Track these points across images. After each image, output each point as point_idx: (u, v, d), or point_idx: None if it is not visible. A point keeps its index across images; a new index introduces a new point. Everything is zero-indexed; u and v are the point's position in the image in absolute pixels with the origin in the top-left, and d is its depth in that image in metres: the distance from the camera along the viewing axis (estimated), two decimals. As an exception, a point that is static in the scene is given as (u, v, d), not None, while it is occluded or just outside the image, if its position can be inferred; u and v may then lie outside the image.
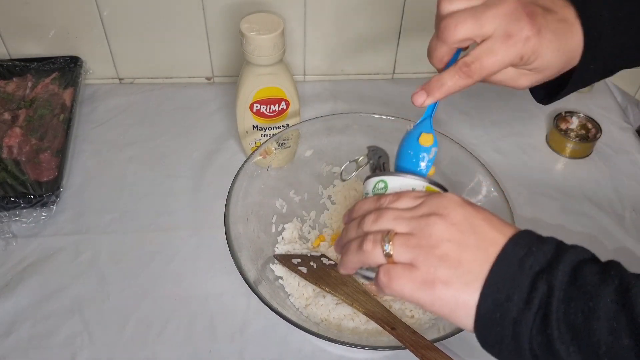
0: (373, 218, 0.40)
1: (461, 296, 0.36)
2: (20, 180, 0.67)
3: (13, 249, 0.64)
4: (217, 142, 0.77)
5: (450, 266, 0.37)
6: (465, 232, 0.37)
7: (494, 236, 0.37)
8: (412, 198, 0.41)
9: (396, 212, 0.40)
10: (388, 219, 0.40)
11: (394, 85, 0.87)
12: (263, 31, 0.60)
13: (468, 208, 0.39)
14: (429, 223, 0.38)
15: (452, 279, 0.36)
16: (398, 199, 0.41)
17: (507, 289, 0.35)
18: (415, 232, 0.38)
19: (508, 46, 0.41)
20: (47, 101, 0.77)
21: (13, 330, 0.57)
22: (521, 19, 0.41)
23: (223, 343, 0.57)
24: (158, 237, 0.66)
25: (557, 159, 0.77)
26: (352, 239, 0.42)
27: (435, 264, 0.37)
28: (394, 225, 0.39)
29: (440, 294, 0.37)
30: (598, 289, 0.33)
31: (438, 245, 0.37)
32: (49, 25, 0.79)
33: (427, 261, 0.37)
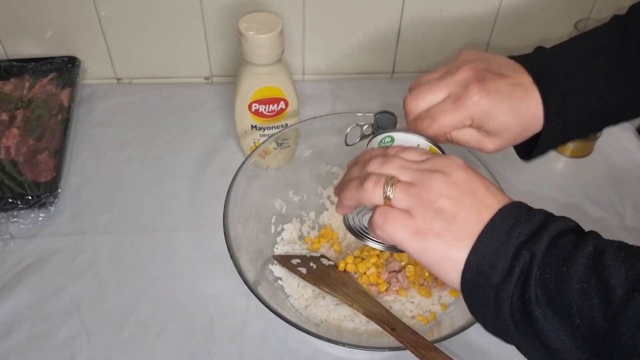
0: (379, 162, 0.42)
1: (449, 250, 0.38)
2: (18, 181, 0.67)
3: (11, 250, 0.64)
4: (216, 142, 0.77)
5: (444, 220, 0.38)
6: (464, 192, 0.39)
7: (489, 201, 0.39)
8: (419, 153, 0.43)
9: (402, 161, 0.42)
10: (394, 165, 0.41)
11: (394, 85, 0.87)
12: (262, 30, 0.60)
13: (470, 172, 0.41)
14: (432, 177, 0.40)
15: (444, 232, 0.38)
16: (405, 151, 0.43)
17: (491, 257, 0.37)
18: (417, 183, 0.40)
19: (457, 107, 0.46)
20: (45, 101, 0.77)
21: (12, 331, 0.57)
22: (471, 84, 0.46)
23: (222, 344, 0.57)
24: (157, 238, 0.66)
25: (557, 158, 0.77)
26: (353, 178, 0.44)
27: (430, 216, 0.39)
28: (398, 172, 0.41)
29: (431, 244, 0.39)
30: (571, 254, 0.35)
31: (437, 199, 0.39)
32: (46, 25, 0.79)
33: (424, 212, 0.39)
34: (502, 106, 0.46)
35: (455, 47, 0.85)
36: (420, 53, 0.85)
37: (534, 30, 0.83)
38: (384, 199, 0.40)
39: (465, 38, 0.84)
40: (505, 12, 0.80)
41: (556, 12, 0.81)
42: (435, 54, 0.86)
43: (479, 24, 0.82)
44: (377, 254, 0.58)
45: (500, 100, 0.46)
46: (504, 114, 0.46)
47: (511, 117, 0.46)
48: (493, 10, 0.81)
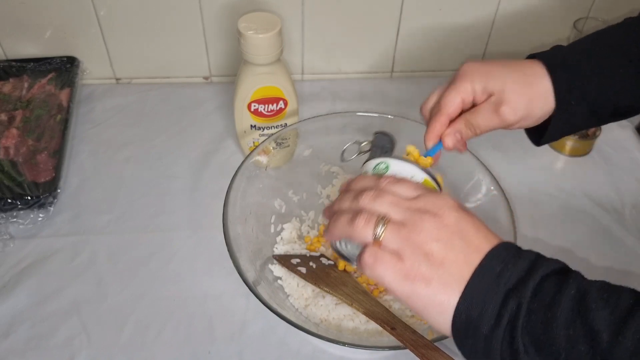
0: (372, 196, 0.41)
1: (437, 295, 0.38)
2: (17, 181, 0.67)
3: (10, 250, 0.64)
4: (215, 142, 0.77)
5: (433, 264, 0.38)
6: (454, 234, 0.39)
7: (479, 243, 0.39)
8: (412, 188, 0.42)
9: (394, 198, 0.41)
10: (386, 201, 0.41)
11: (393, 84, 0.87)
12: (261, 30, 0.60)
13: (461, 212, 0.40)
14: (422, 219, 0.39)
15: (433, 277, 0.38)
16: (397, 183, 0.42)
17: (480, 306, 0.37)
18: (407, 224, 0.39)
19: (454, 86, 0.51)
20: (44, 102, 0.77)
21: (11, 332, 0.57)
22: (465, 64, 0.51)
23: (222, 344, 0.57)
24: (156, 238, 0.66)
25: (556, 157, 0.77)
26: (345, 209, 0.43)
27: (419, 260, 0.38)
28: (390, 209, 0.40)
29: (419, 289, 0.38)
30: (555, 298, 0.35)
31: (426, 242, 0.38)
32: (45, 26, 0.79)
33: (413, 255, 0.38)
34: (499, 69, 0.50)
35: (454, 46, 0.85)
36: (420, 53, 0.85)
37: (534, 29, 0.83)
38: (374, 238, 0.40)
39: (465, 37, 0.84)
40: (505, 11, 0.81)
41: (555, 10, 0.81)
42: (435, 53, 0.86)
43: (479, 23, 0.82)
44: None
45: (494, 64, 0.51)
46: (500, 73, 0.50)
47: (513, 76, 0.50)
48: (492, 9, 0.81)
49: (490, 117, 0.51)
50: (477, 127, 0.51)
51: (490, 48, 0.85)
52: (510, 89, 0.49)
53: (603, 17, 0.82)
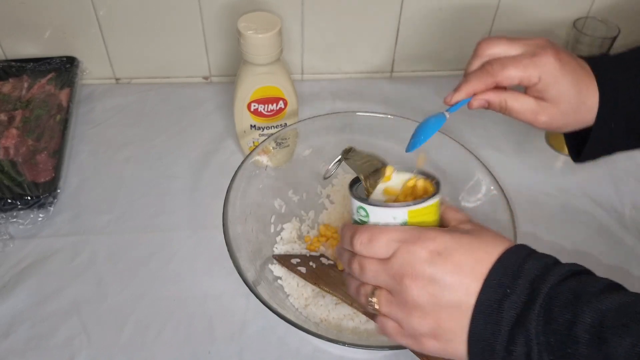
0: (357, 269, 0.41)
1: (447, 348, 0.39)
2: (17, 181, 0.67)
3: (10, 250, 0.64)
4: (215, 142, 0.77)
5: (431, 325, 0.38)
6: (436, 292, 0.38)
7: (467, 286, 0.38)
8: (384, 246, 0.40)
9: (374, 266, 0.40)
10: (369, 274, 0.41)
11: (393, 84, 0.87)
12: (260, 30, 0.60)
13: (436, 262, 0.38)
14: (403, 286, 0.39)
15: (436, 334, 0.39)
16: (370, 244, 0.40)
17: (489, 349, 0.37)
18: (393, 292, 0.40)
19: (532, 62, 0.48)
20: (44, 102, 0.77)
21: (11, 332, 0.57)
22: (548, 48, 0.49)
23: (222, 344, 0.57)
24: (156, 238, 0.65)
25: (556, 157, 0.77)
26: (348, 274, 0.44)
27: (417, 324, 0.39)
28: (375, 281, 0.41)
29: (428, 346, 0.39)
30: (571, 331, 0.34)
31: (416, 307, 0.39)
32: (45, 26, 0.79)
33: (410, 322, 0.39)
34: (568, 77, 0.49)
35: (454, 46, 0.85)
36: (419, 52, 0.85)
37: (533, 30, 0.83)
38: (374, 310, 0.41)
39: (464, 37, 0.84)
40: (504, 11, 0.81)
41: (555, 11, 0.82)
42: (435, 53, 0.86)
43: (478, 23, 0.82)
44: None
45: (568, 71, 0.49)
46: (568, 83, 0.49)
47: (573, 90, 0.49)
48: (492, 8, 0.81)
49: (527, 114, 0.51)
50: (510, 110, 0.51)
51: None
52: (566, 100, 0.49)
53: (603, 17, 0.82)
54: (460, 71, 0.88)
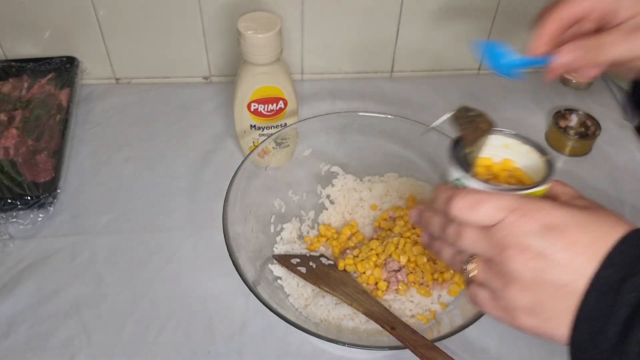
0: (454, 234, 0.39)
1: (545, 326, 0.36)
2: (17, 181, 0.67)
3: (10, 250, 0.64)
4: (215, 142, 0.77)
5: (529, 300, 0.36)
6: (543, 268, 0.35)
7: (579, 266, 0.34)
8: (489, 213, 0.37)
9: (474, 235, 0.38)
10: (467, 242, 0.38)
11: (393, 84, 0.87)
12: (260, 30, 0.60)
13: (547, 237, 0.35)
14: (505, 257, 0.36)
15: (534, 311, 0.36)
16: (472, 211, 0.37)
17: (599, 326, 0.33)
18: (494, 261, 0.37)
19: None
20: (44, 102, 0.77)
21: (11, 332, 0.57)
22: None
23: (222, 344, 0.57)
24: (156, 238, 0.65)
25: (556, 157, 0.77)
26: (436, 238, 0.42)
27: (514, 297, 0.36)
28: (473, 249, 0.38)
29: (523, 321, 0.37)
30: None
31: (516, 280, 0.36)
32: (44, 26, 0.79)
33: (506, 294, 0.37)
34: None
35: (454, 46, 0.85)
36: (419, 52, 0.85)
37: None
38: (468, 279, 0.39)
39: (464, 37, 0.84)
40: (504, 11, 0.81)
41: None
42: (434, 53, 0.86)
43: (478, 23, 0.82)
44: (377, 254, 0.58)
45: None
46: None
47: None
48: (492, 8, 0.81)
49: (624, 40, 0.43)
50: (603, 50, 0.43)
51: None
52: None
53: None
54: (460, 71, 0.88)
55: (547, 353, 0.57)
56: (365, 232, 0.64)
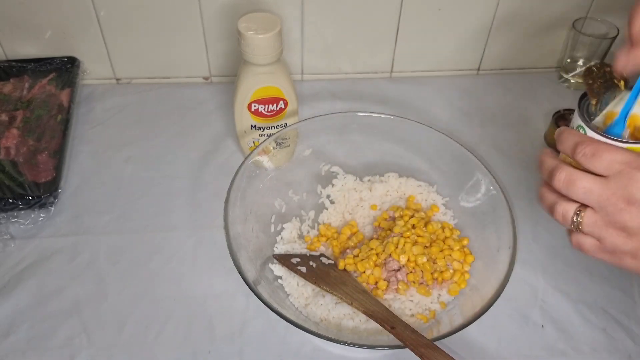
0: (564, 181, 0.41)
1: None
2: (18, 181, 0.67)
3: (11, 250, 0.64)
4: (215, 142, 0.77)
5: (635, 246, 0.39)
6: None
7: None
8: (608, 164, 0.40)
9: (588, 183, 0.40)
10: (579, 190, 0.41)
11: (392, 84, 0.87)
12: (260, 30, 0.60)
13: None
14: (617, 208, 0.39)
15: (637, 255, 0.40)
16: (593, 158, 0.40)
17: None
18: (603, 211, 0.40)
19: None
20: (44, 102, 0.77)
21: (11, 332, 0.57)
22: None
23: (222, 343, 0.57)
24: (156, 238, 0.66)
25: (555, 157, 0.77)
26: (546, 180, 0.44)
27: (621, 243, 0.40)
28: (583, 198, 0.41)
29: (627, 262, 0.41)
30: None
31: (624, 229, 0.39)
32: (45, 26, 0.79)
33: (614, 241, 0.40)
34: None
35: (453, 46, 0.85)
36: (419, 53, 0.86)
37: (532, 30, 0.84)
38: (573, 227, 0.42)
39: (464, 37, 0.84)
40: (504, 11, 0.81)
41: (554, 11, 0.82)
42: (434, 53, 0.86)
43: (477, 23, 0.83)
44: (377, 253, 0.58)
45: None
46: None
47: None
48: (491, 8, 0.81)
49: None
50: None
51: (489, 48, 0.85)
52: None
53: (602, 17, 0.82)
54: (460, 71, 0.89)
55: (547, 353, 0.57)
56: (365, 232, 0.64)
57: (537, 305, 0.61)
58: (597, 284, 0.62)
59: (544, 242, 0.66)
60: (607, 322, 0.59)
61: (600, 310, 0.60)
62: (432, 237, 0.60)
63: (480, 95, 0.85)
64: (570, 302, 0.61)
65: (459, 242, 0.60)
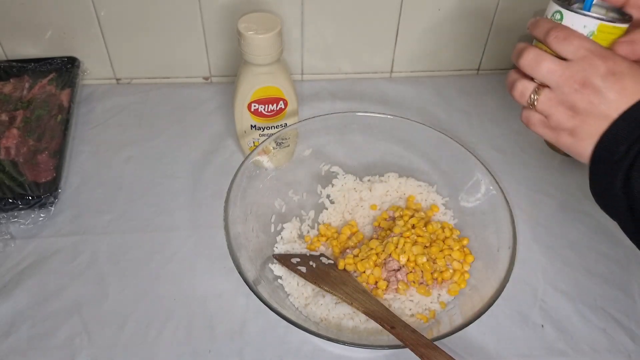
0: (531, 61, 0.45)
1: (577, 144, 0.45)
2: (18, 181, 0.67)
3: (11, 250, 0.64)
4: (215, 142, 0.77)
5: (575, 124, 0.44)
6: (596, 102, 0.43)
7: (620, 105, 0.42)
8: (575, 49, 0.44)
9: (552, 65, 0.44)
10: (543, 70, 0.45)
11: (392, 84, 0.87)
12: (260, 30, 0.60)
13: (608, 80, 0.43)
14: (571, 89, 0.44)
15: (574, 132, 0.45)
16: (564, 42, 0.44)
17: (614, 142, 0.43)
18: (558, 92, 0.45)
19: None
20: (45, 102, 0.77)
21: (12, 332, 0.57)
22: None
23: (222, 343, 0.57)
24: (157, 238, 0.66)
25: (555, 157, 0.77)
26: (514, 61, 0.48)
27: (564, 120, 0.45)
28: (543, 78, 0.45)
29: (563, 139, 0.46)
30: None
31: (571, 108, 0.44)
32: (45, 26, 0.79)
33: (559, 118, 0.45)
34: None
35: (453, 47, 0.85)
36: (419, 53, 0.86)
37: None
38: (528, 103, 0.47)
39: (464, 37, 0.84)
40: (504, 11, 0.81)
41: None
42: (434, 53, 0.86)
43: (477, 23, 0.83)
44: (377, 253, 0.58)
45: None
46: None
47: None
48: (491, 8, 0.81)
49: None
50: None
51: (489, 48, 0.86)
52: None
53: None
54: (460, 71, 0.89)
55: (546, 353, 0.57)
56: (365, 231, 0.64)
57: (537, 305, 0.61)
58: (597, 284, 0.63)
59: (544, 242, 0.66)
60: (607, 322, 0.59)
61: (600, 310, 0.60)
62: (432, 237, 0.60)
63: (480, 95, 0.85)
64: (570, 302, 0.61)
65: (459, 242, 0.60)
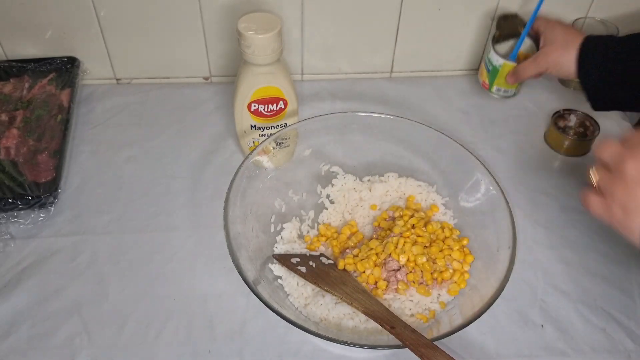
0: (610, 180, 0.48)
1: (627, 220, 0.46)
2: (18, 181, 0.67)
3: (11, 250, 0.64)
4: (215, 142, 0.77)
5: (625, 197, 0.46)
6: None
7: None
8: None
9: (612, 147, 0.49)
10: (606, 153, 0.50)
11: (392, 84, 0.87)
12: (260, 30, 0.60)
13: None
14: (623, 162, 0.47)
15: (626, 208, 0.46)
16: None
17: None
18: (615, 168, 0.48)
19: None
20: (45, 102, 0.77)
21: (12, 332, 0.57)
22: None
23: (222, 343, 0.57)
24: (156, 238, 0.66)
25: (555, 157, 0.77)
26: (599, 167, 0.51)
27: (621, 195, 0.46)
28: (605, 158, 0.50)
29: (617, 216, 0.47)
30: None
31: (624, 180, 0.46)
32: (45, 26, 0.79)
33: (616, 190, 0.47)
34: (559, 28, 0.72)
35: (453, 47, 0.85)
36: (419, 53, 0.86)
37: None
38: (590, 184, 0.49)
39: (463, 38, 0.84)
40: (504, 11, 0.81)
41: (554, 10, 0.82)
42: (433, 53, 0.86)
43: (477, 23, 0.83)
44: (377, 253, 0.58)
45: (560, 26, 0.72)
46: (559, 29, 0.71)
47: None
48: (491, 9, 0.81)
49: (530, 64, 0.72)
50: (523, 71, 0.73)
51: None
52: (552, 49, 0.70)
53: (601, 17, 0.82)
54: (460, 71, 0.89)
55: (546, 353, 0.57)
56: (365, 231, 0.64)
57: (537, 305, 0.61)
58: (597, 284, 0.63)
59: (544, 242, 0.66)
60: (607, 322, 0.59)
61: (600, 310, 0.60)
62: (431, 237, 0.60)
63: (480, 95, 0.85)
64: (570, 302, 0.61)
65: (459, 242, 0.60)
